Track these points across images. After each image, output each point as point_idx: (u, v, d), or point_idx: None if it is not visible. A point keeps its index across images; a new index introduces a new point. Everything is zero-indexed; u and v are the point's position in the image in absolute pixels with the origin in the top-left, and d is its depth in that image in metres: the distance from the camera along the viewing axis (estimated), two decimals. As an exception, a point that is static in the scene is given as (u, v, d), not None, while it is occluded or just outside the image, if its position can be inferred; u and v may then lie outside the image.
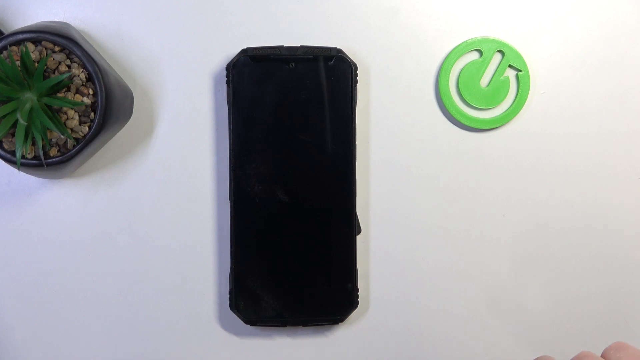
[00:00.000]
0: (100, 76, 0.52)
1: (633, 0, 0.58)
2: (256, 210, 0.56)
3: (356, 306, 0.57)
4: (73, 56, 0.52)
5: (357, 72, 0.56)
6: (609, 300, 0.60)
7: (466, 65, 0.58)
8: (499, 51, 0.58)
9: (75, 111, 0.52)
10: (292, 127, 0.56)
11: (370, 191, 0.58)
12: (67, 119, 0.52)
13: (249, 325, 0.58)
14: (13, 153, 0.52)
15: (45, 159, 0.52)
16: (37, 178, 0.58)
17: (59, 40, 0.52)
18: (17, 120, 0.50)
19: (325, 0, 0.58)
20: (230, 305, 0.57)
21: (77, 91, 0.52)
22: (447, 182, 0.59)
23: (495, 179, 0.59)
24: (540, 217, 0.59)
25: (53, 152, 0.52)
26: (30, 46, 0.52)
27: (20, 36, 0.51)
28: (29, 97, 0.51)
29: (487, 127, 0.58)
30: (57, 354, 0.58)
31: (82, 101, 0.52)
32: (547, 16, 0.59)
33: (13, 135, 0.52)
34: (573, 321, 0.59)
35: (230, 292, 0.57)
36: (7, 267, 0.58)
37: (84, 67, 0.52)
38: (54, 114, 0.51)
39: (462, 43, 0.58)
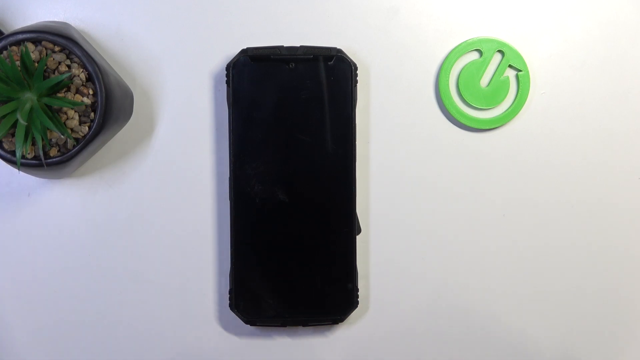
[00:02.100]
0: (100, 76, 0.52)
1: (633, 0, 0.58)
2: (256, 210, 0.56)
3: (356, 306, 0.57)
4: (73, 56, 0.52)
5: (357, 72, 0.56)
6: (609, 300, 0.60)
7: (466, 65, 0.58)
8: (499, 51, 0.58)
9: (75, 111, 0.52)
10: (292, 127, 0.56)
11: (370, 191, 0.58)
12: (67, 119, 0.52)
13: (249, 325, 0.58)
14: (13, 153, 0.52)
15: (45, 159, 0.52)
16: (37, 178, 0.58)
17: (59, 40, 0.52)
18: (17, 120, 0.50)
19: (325, 0, 0.58)
20: (230, 305, 0.57)
21: (77, 91, 0.52)
22: (447, 182, 0.59)
23: (495, 179, 0.59)
24: (540, 217, 0.59)
25: (53, 152, 0.52)
26: (30, 46, 0.52)
27: (20, 36, 0.51)
28: (29, 97, 0.51)
29: (487, 127, 0.58)
30: (57, 353, 0.58)
31: (82, 101, 0.52)
32: (547, 16, 0.59)
33: (13, 135, 0.52)
34: (569, 321, 0.59)
35: (230, 292, 0.57)
36: (7, 267, 0.58)
37: (84, 67, 0.52)
38: (54, 114, 0.51)
39: (462, 43, 0.58)
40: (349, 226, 0.57)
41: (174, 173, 0.58)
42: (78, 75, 0.52)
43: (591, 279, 0.59)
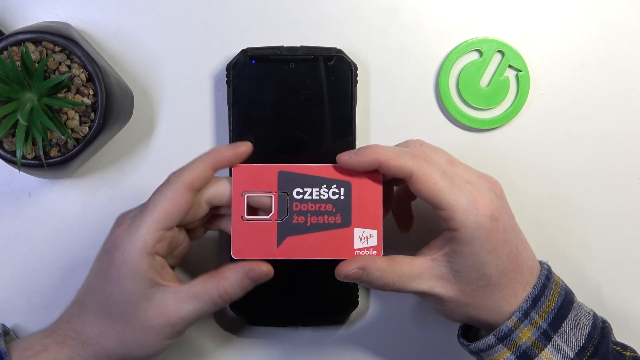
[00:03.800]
0: (100, 76, 0.52)
1: (633, 0, 0.59)
2: (256, 210, 0.56)
3: (356, 306, 0.57)
4: (73, 56, 0.52)
5: (357, 72, 0.56)
6: (609, 301, 0.60)
7: (466, 65, 0.58)
8: (499, 51, 0.58)
9: (75, 111, 0.52)
10: (292, 127, 0.56)
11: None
12: (68, 119, 0.52)
13: (249, 325, 0.58)
14: (13, 153, 0.52)
15: (45, 159, 0.52)
16: (38, 178, 0.58)
17: (59, 40, 0.52)
18: (17, 121, 0.50)
19: (325, 0, 0.58)
20: (231, 305, 0.57)
21: (78, 91, 0.52)
22: (447, 182, 0.59)
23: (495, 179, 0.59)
24: (540, 217, 0.59)
25: (53, 152, 0.52)
26: (31, 46, 0.52)
27: (21, 36, 0.51)
28: (30, 98, 0.51)
29: (487, 127, 0.58)
30: (57, 353, 0.58)
31: (82, 101, 0.52)
32: (547, 16, 0.59)
33: (13, 135, 0.52)
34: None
35: (230, 292, 0.57)
36: (8, 267, 0.58)
37: (84, 67, 0.52)
38: (55, 114, 0.51)
39: (462, 43, 0.58)
40: (349, 226, 0.57)
41: (174, 173, 0.58)
42: (78, 76, 0.52)
43: (591, 280, 0.59)
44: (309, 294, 0.57)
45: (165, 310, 0.48)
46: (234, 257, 0.50)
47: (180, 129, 0.58)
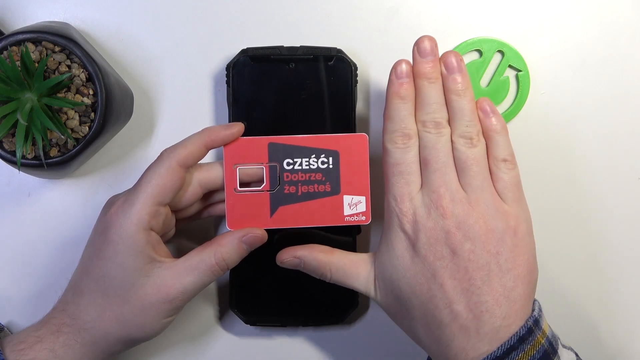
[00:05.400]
0: (100, 76, 0.52)
1: (633, 0, 0.59)
2: (256, 210, 0.56)
3: (356, 306, 0.57)
4: (73, 56, 0.52)
5: (357, 72, 0.56)
6: (608, 302, 0.60)
7: (466, 65, 0.58)
8: (499, 51, 0.58)
9: (75, 111, 0.52)
10: (292, 127, 0.56)
11: (369, 191, 0.58)
12: (68, 119, 0.52)
13: (249, 325, 0.58)
14: (13, 153, 0.52)
15: (45, 159, 0.52)
16: (38, 178, 0.58)
17: (59, 40, 0.52)
18: (17, 121, 0.50)
19: (325, 0, 0.58)
20: (231, 305, 0.57)
21: (77, 91, 0.52)
22: (447, 182, 0.59)
23: (495, 179, 0.59)
24: (540, 217, 0.59)
25: (53, 152, 0.52)
26: (31, 46, 0.52)
27: (21, 36, 0.51)
28: (29, 98, 0.51)
29: (487, 127, 0.58)
30: (57, 353, 0.58)
31: (82, 101, 0.52)
32: (547, 16, 0.59)
33: (13, 135, 0.52)
34: (569, 321, 0.59)
35: (230, 292, 0.57)
36: (8, 267, 0.58)
37: (84, 67, 0.52)
38: (54, 114, 0.51)
39: (462, 43, 0.58)
40: (349, 226, 0.57)
41: (174, 173, 0.58)
42: (78, 76, 0.52)
43: (590, 280, 0.59)
44: (308, 294, 0.57)
45: (164, 285, 0.48)
46: (229, 229, 0.51)
47: (180, 129, 0.58)
